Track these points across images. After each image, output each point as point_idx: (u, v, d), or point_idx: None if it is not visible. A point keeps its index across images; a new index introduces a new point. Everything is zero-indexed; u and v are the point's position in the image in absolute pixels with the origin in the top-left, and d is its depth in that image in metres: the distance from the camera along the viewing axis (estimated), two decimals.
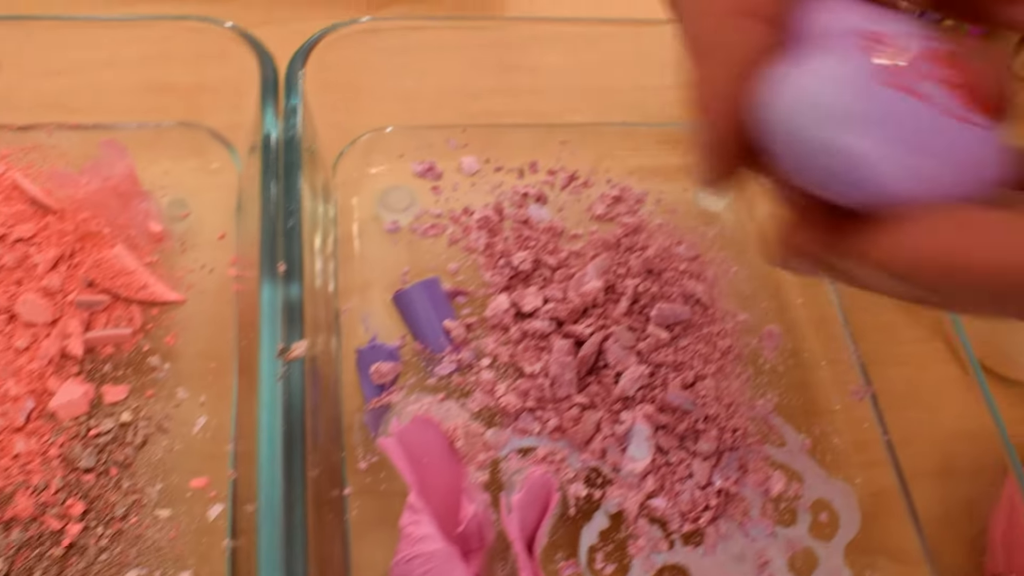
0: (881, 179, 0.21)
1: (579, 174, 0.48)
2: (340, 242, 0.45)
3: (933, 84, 0.21)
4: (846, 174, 0.21)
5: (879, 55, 0.21)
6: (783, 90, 0.22)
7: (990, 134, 0.21)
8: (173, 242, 0.43)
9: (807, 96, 0.21)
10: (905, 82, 0.21)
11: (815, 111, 0.21)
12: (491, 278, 0.43)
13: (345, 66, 0.44)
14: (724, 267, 0.45)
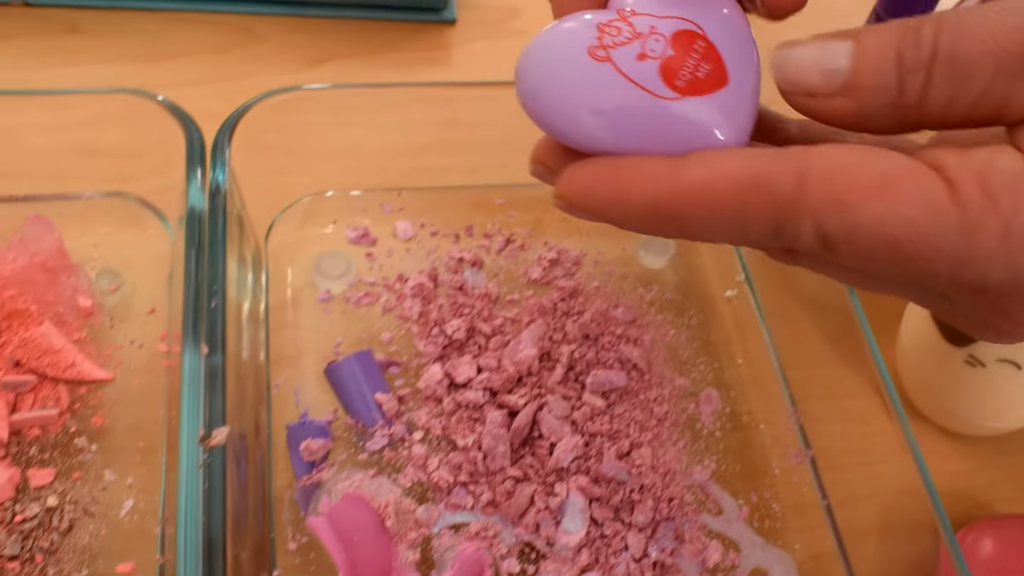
0: (567, 131, 0.25)
1: (516, 237, 0.47)
2: (273, 311, 0.44)
3: (642, 61, 0.25)
4: (548, 124, 0.25)
5: (608, 31, 0.25)
6: (525, 50, 0.26)
7: (680, 105, 0.25)
8: (103, 316, 0.43)
9: (531, 54, 0.25)
10: (612, 55, 0.25)
11: (534, 69, 0.25)
12: (425, 347, 0.43)
13: (278, 131, 0.44)
14: (662, 330, 0.45)
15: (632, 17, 0.25)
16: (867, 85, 0.23)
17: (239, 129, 0.42)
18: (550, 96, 0.25)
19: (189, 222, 0.39)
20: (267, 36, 0.57)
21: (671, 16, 0.26)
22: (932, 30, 0.22)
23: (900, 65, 0.23)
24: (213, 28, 0.57)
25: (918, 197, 0.22)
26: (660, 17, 0.25)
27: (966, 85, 0.22)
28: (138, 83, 0.53)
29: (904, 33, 0.23)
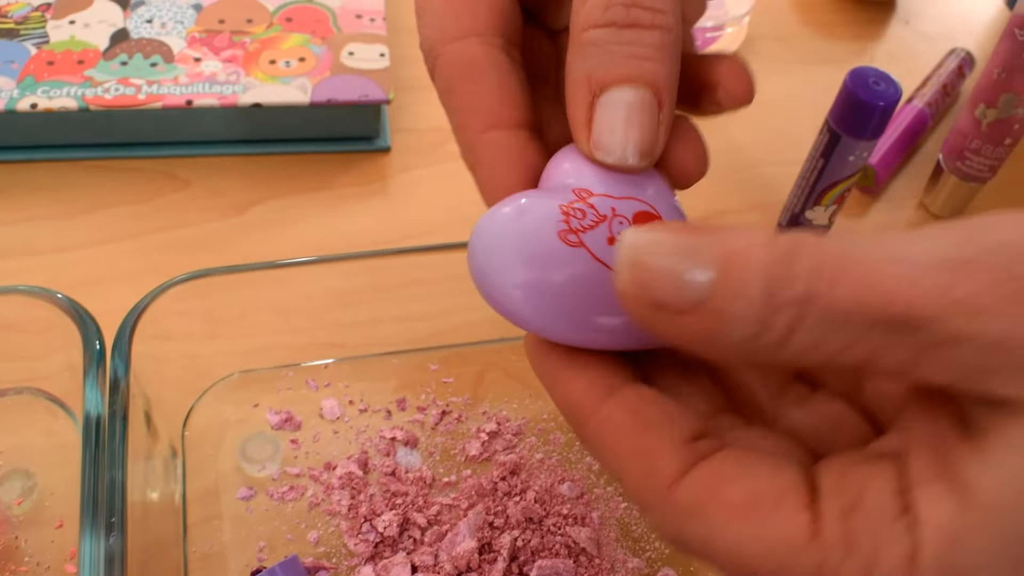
0: (519, 316, 0.24)
1: (452, 407, 0.44)
2: (190, 503, 0.41)
3: (612, 246, 0.24)
4: (503, 306, 0.24)
5: (573, 214, 0.24)
6: (480, 227, 0.24)
7: None
8: (9, 533, 0.40)
9: (488, 236, 0.24)
10: (584, 240, 0.24)
11: (494, 252, 0.24)
12: (355, 547, 0.39)
13: (188, 315, 0.41)
14: (612, 504, 0.42)
15: (591, 198, 0.24)
16: (726, 312, 0.20)
17: (146, 317, 0.39)
18: (513, 278, 0.23)
19: (86, 428, 0.37)
20: (191, 181, 0.54)
21: (628, 197, 0.25)
22: (808, 265, 0.19)
23: (767, 300, 0.19)
24: (133, 175, 0.54)
25: (779, 528, 0.20)
26: (618, 198, 0.25)
27: (836, 335, 0.19)
28: (54, 244, 0.50)
29: (776, 262, 0.19)
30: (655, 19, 0.24)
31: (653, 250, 0.20)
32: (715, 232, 0.20)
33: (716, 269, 0.20)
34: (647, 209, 0.25)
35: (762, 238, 0.20)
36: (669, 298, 0.20)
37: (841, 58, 0.67)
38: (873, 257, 0.19)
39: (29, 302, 0.40)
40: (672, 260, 0.20)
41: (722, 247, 0.20)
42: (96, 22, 0.56)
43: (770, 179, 0.58)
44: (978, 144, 0.54)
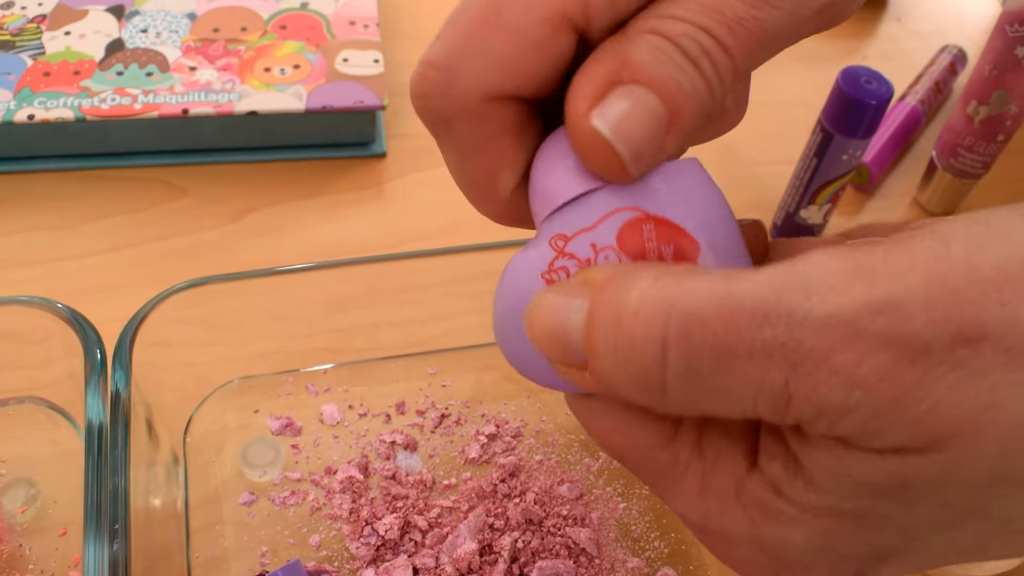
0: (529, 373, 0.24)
1: (451, 410, 0.45)
2: (193, 509, 0.41)
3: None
4: (514, 362, 0.24)
5: (556, 274, 0.23)
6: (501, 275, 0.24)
7: None
8: (13, 541, 0.40)
9: (501, 288, 0.24)
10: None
11: (500, 301, 0.24)
12: (357, 550, 0.40)
13: (187, 323, 0.41)
14: (611, 504, 0.42)
15: (568, 245, 0.23)
16: (601, 373, 0.20)
17: (144, 326, 0.39)
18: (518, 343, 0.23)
19: (88, 437, 0.37)
20: (187, 189, 0.54)
21: (603, 217, 0.23)
22: (661, 326, 0.19)
23: (623, 368, 0.20)
24: (130, 184, 0.54)
25: (647, 427, 0.23)
26: (593, 226, 0.23)
27: (718, 403, 0.20)
28: (53, 254, 0.51)
29: (622, 320, 0.20)
30: (722, 59, 0.22)
31: (543, 313, 0.21)
32: (592, 284, 0.21)
33: (583, 331, 0.21)
34: (630, 216, 0.22)
35: (623, 292, 0.20)
36: (559, 358, 0.22)
37: (833, 56, 0.67)
38: (748, 308, 0.19)
39: (30, 312, 0.40)
40: (555, 320, 0.21)
41: (589, 305, 0.21)
42: (91, 33, 0.56)
43: (764, 178, 0.59)
44: (971, 141, 0.54)
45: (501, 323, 0.24)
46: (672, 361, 0.19)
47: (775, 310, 0.18)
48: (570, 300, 0.21)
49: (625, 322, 0.20)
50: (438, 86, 0.22)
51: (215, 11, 0.58)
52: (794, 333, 0.18)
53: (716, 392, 0.19)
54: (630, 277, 0.20)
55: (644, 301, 0.19)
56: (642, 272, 0.20)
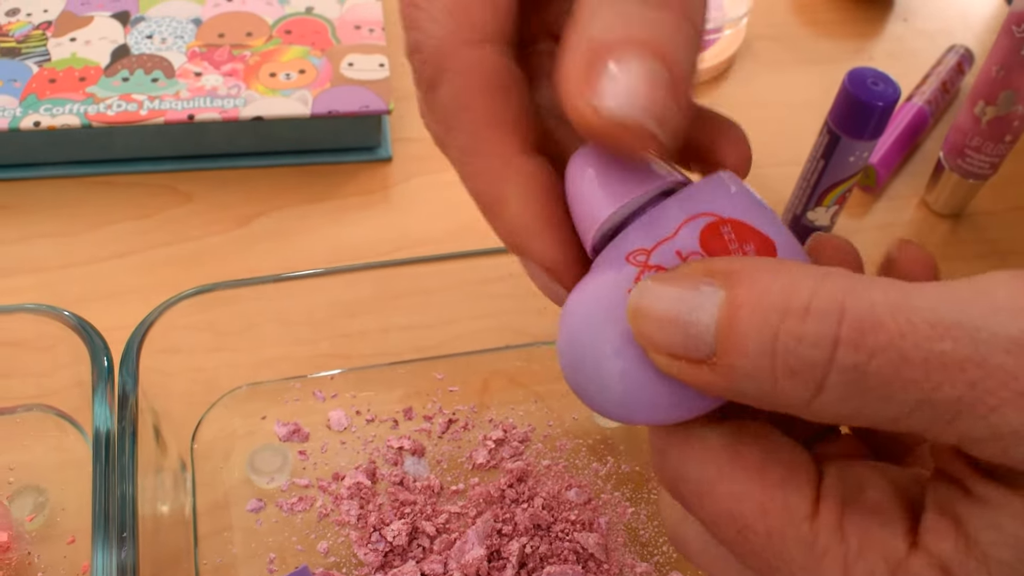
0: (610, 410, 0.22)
1: (458, 416, 0.44)
2: (203, 516, 0.41)
3: None
4: (590, 392, 0.22)
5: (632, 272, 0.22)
6: (565, 308, 0.23)
7: None
8: (22, 549, 0.40)
9: (572, 315, 0.22)
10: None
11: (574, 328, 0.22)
12: (365, 556, 0.40)
13: (194, 329, 0.41)
14: (620, 509, 0.42)
15: (651, 257, 0.22)
16: (736, 367, 0.19)
17: (151, 332, 0.39)
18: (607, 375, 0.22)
19: (96, 444, 0.37)
20: (193, 194, 0.54)
21: (681, 224, 0.22)
22: (834, 322, 0.18)
23: (776, 362, 0.18)
24: (136, 191, 0.54)
25: (785, 495, 0.20)
26: (674, 234, 0.22)
27: (872, 406, 0.18)
28: (60, 260, 0.51)
29: (789, 313, 0.18)
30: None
31: (657, 301, 0.20)
32: (736, 275, 0.19)
33: (718, 322, 0.19)
34: (707, 221, 0.22)
35: (779, 284, 0.19)
36: (678, 350, 0.20)
37: (840, 57, 0.67)
38: (927, 319, 0.17)
39: (37, 320, 0.40)
40: (674, 309, 0.19)
41: (727, 295, 0.19)
42: (97, 39, 0.56)
43: (771, 180, 0.58)
44: (978, 141, 0.54)
45: (575, 351, 0.22)
46: (839, 359, 0.18)
47: (959, 324, 0.17)
48: (696, 289, 0.19)
49: (791, 318, 0.18)
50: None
51: (220, 16, 0.58)
52: (979, 349, 0.17)
53: (875, 398, 0.18)
54: (782, 272, 0.19)
55: (819, 296, 0.18)
56: (795, 269, 0.19)
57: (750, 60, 0.66)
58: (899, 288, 0.18)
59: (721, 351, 0.19)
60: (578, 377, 0.22)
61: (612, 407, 0.22)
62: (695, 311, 0.19)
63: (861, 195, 0.59)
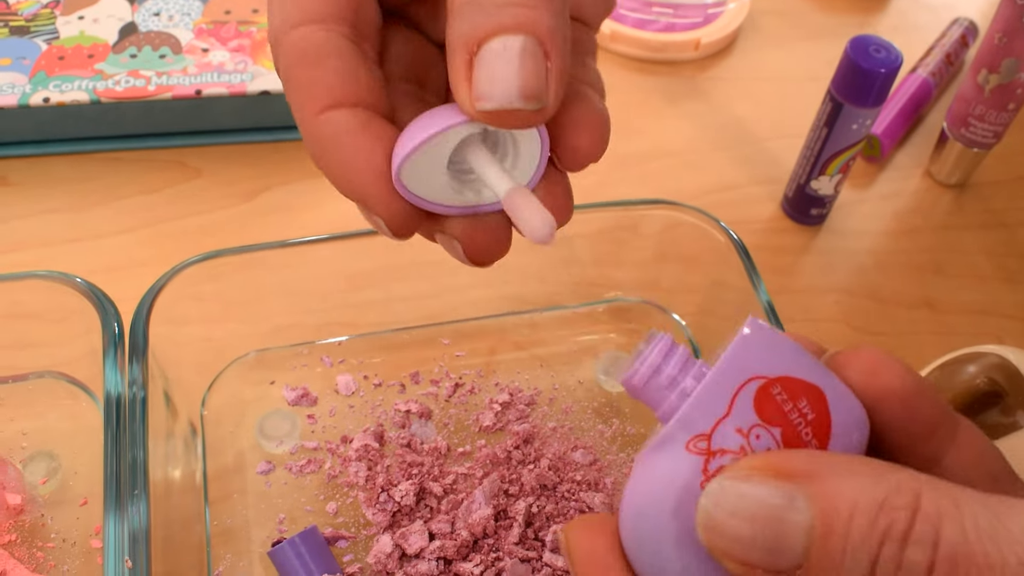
0: None
1: (464, 380, 0.45)
2: (213, 480, 0.42)
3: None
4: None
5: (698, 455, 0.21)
6: (629, 484, 0.22)
7: None
8: (35, 512, 0.41)
9: (635, 506, 0.22)
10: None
11: (642, 521, 0.22)
12: (373, 516, 0.40)
13: (202, 297, 0.42)
14: (625, 470, 0.43)
15: (712, 442, 0.21)
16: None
17: (160, 300, 0.40)
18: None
19: (107, 408, 0.37)
20: (201, 169, 0.55)
21: (733, 398, 0.21)
22: (930, 550, 0.17)
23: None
24: (145, 166, 0.55)
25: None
26: (728, 412, 0.21)
27: None
28: (69, 235, 0.51)
29: (889, 537, 0.18)
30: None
31: (735, 506, 0.19)
32: (816, 478, 0.19)
33: (809, 539, 0.18)
34: (761, 383, 0.21)
35: (869, 497, 0.18)
36: (757, 561, 0.19)
37: (844, 31, 0.67)
38: (1018, 554, 0.17)
39: (48, 287, 0.40)
40: (758, 519, 0.19)
41: (819, 503, 0.18)
42: (105, 17, 0.57)
43: (775, 153, 0.59)
44: (982, 110, 0.54)
45: (639, 542, 0.22)
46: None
47: None
48: (775, 498, 0.19)
49: (891, 543, 0.18)
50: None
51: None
52: None
53: None
54: (865, 478, 0.18)
55: (919, 518, 0.18)
56: (878, 474, 0.18)
57: (754, 34, 0.66)
58: (992, 511, 0.18)
59: (812, 567, 0.18)
60: (640, 561, 0.22)
61: None
62: (778, 525, 0.19)
63: (865, 166, 0.59)
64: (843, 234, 0.55)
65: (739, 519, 0.19)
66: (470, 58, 0.22)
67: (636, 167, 0.57)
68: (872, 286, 0.52)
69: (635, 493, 0.22)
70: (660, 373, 0.23)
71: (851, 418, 0.22)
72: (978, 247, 0.55)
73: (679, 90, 0.62)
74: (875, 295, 0.52)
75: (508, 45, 0.21)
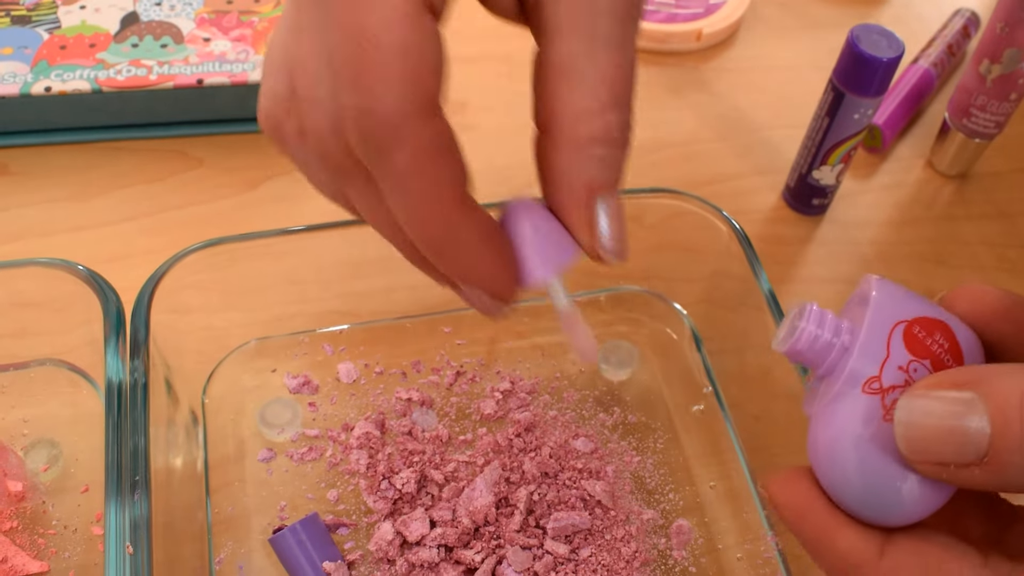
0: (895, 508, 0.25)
1: (466, 368, 0.45)
2: (214, 468, 0.42)
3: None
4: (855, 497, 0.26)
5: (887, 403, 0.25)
6: (817, 430, 0.26)
7: None
8: (36, 499, 0.41)
9: (831, 445, 0.26)
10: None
11: (839, 457, 0.26)
12: (374, 504, 0.40)
13: (203, 285, 0.42)
14: (626, 458, 0.43)
15: (883, 381, 0.25)
16: (1007, 463, 0.22)
17: (161, 288, 0.40)
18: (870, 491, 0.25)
19: (108, 395, 0.37)
20: (203, 159, 0.55)
21: (887, 341, 0.26)
22: None
23: None
24: (147, 156, 0.55)
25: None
26: (888, 355, 0.26)
27: None
28: (71, 224, 0.51)
29: None
30: (629, 137, 0.27)
31: (926, 418, 0.23)
32: (983, 382, 0.22)
33: (990, 425, 0.22)
34: (904, 326, 0.26)
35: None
36: (950, 458, 0.22)
37: (845, 22, 0.67)
38: None
39: (50, 274, 0.41)
40: (946, 423, 0.22)
41: (993, 400, 0.22)
42: (106, 6, 0.57)
43: (777, 143, 0.59)
44: (983, 100, 0.54)
45: (834, 474, 0.26)
46: None
47: None
48: (956, 402, 0.22)
49: None
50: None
51: None
52: None
53: None
54: (1021, 372, 0.22)
55: None
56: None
57: (756, 24, 0.66)
58: None
59: (995, 452, 0.22)
60: (837, 489, 0.26)
61: (868, 511, 0.26)
62: (965, 421, 0.22)
63: (867, 156, 0.59)
64: (844, 224, 0.55)
65: (931, 424, 0.23)
66: (592, 204, 0.27)
67: (638, 157, 0.56)
68: None
69: (825, 435, 0.26)
70: (818, 339, 0.27)
71: (972, 342, 0.27)
72: (979, 238, 0.55)
73: (681, 80, 0.62)
74: None
75: (617, 205, 0.27)
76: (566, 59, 0.25)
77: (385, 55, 0.22)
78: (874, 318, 0.26)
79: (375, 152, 0.24)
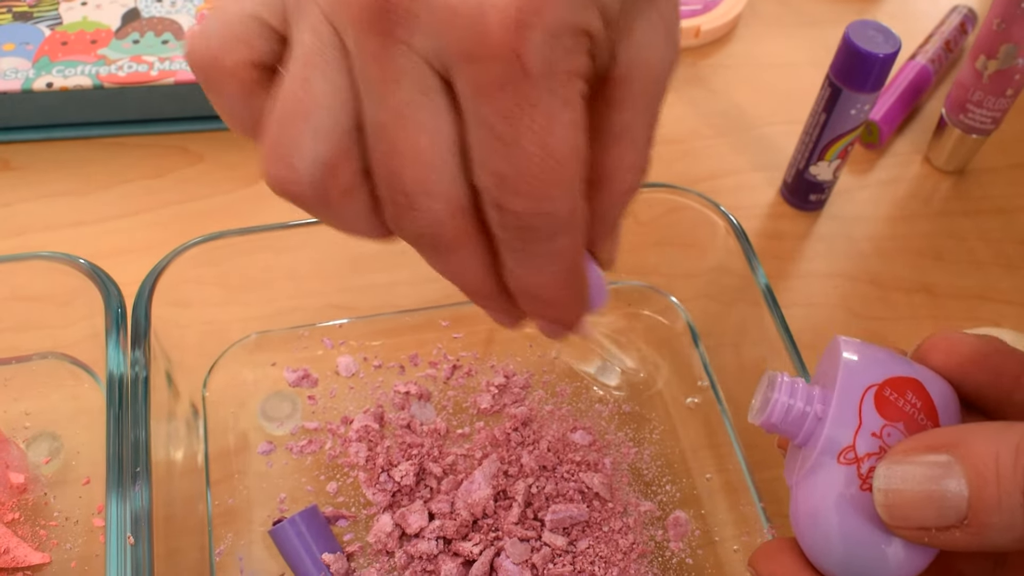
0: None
1: (462, 362, 0.45)
2: (214, 461, 0.42)
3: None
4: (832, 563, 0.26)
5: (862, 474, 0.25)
6: (797, 502, 0.26)
7: None
8: (38, 491, 0.41)
9: (812, 517, 0.26)
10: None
11: (820, 528, 0.26)
12: (373, 496, 0.40)
13: (203, 279, 0.42)
14: (623, 450, 0.43)
15: (857, 450, 0.25)
16: (987, 524, 0.22)
17: (162, 282, 0.40)
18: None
19: (109, 388, 0.38)
20: (203, 155, 0.55)
21: (858, 408, 0.26)
22: None
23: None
24: (148, 151, 0.55)
25: None
26: (860, 423, 0.25)
27: None
28: (73, 219, 0.51)
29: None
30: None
31: (904, 483, 0.23)
32: (959, 444, 0.22)
33: (968, 487, 0.22)
34: (875, 389, 0.26)
35: (1006, 443, 0.22)
36: (931, 522, 0.23)
37: (843, 18, 0.67)
38: None
39: (52, 268, 0.41)
40: (924, 487, 0.23)
41: (969, 461, 0.22)
42: (107, 3, 0.57)
43: (774, 139, 0.59)
44: (980, 96, 0.54)
45: (816, 543, 0.26)
46: None
47: None
48: (933, 468, 0.22)
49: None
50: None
51: None
52: None
53: None
54: (994, 432, 0.22)
55: None
56: (999, 427, 0.22)
57: (754, 21, 0.66)
58: None
59: (975, 513, 0.22)
60: (821, 560, 0.26)
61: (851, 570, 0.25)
62: (943, 485, 0.22)
63: (864, 152, 0.59)
64: (842, 220, 0.55)
65: (910, 489, 0.23)
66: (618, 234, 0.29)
67: None
68: (871, 271, 0.53)
69: (805, 507, 0.26)
70: (792, 409, 0.26)
71: (947, 396, 0.26)
72: (976, 233, 0.55)
73: (679, 77, 0.62)
74: (874, 280, 0.52)
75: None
76: (627, 126, 0.26)
77: (567, 169, 0.23)
78: (844, 384, 0.26)
79: (535, 240, 0.24)
